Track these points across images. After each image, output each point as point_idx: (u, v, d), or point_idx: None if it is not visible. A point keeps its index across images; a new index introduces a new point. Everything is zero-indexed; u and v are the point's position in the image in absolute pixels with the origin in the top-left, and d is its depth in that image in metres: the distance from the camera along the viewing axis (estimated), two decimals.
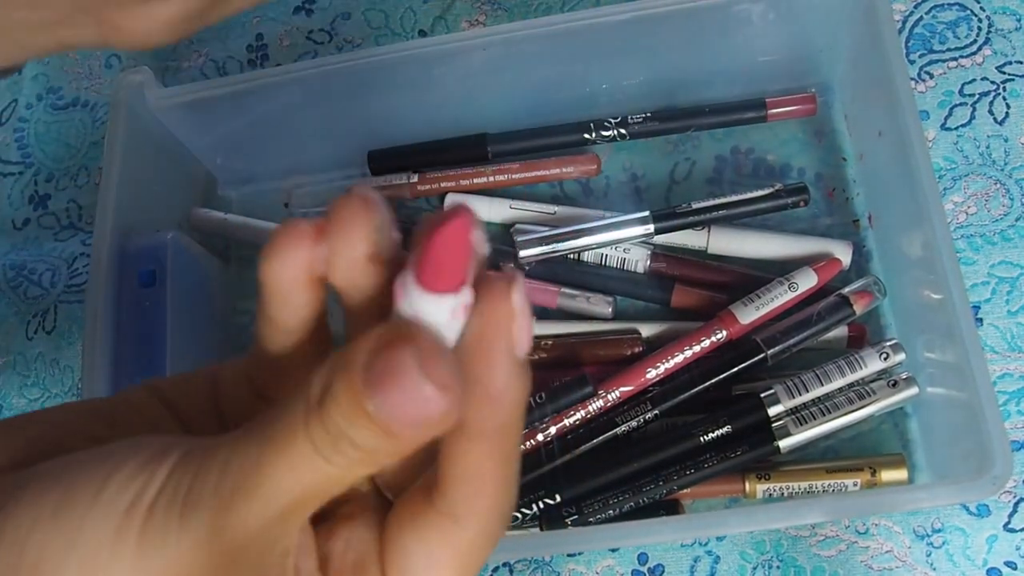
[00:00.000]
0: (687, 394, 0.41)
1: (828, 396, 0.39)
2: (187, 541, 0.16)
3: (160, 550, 0.16)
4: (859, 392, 0.39)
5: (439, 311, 0.17)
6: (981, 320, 0.43)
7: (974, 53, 0.47)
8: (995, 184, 0.45)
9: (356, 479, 0.17)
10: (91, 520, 0.17)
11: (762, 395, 0.40)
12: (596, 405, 0.42)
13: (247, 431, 0.17)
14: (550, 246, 0.44)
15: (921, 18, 0.48)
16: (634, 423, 0.41)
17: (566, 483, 0.41)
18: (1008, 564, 0.40)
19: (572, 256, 0.46)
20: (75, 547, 0.17)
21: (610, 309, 0.45)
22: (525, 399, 0.18)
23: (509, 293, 0.17)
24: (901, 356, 0.39)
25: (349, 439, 0.16)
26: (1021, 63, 0.46)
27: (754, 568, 0.41)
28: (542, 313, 0.46)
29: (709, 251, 0.45)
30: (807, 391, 0.39)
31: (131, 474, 0.17)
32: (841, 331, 0.42)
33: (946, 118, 0.46)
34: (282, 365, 0.21)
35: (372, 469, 0.17)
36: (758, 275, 0.44)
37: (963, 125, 0.46)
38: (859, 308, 0.41)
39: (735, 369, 0.41)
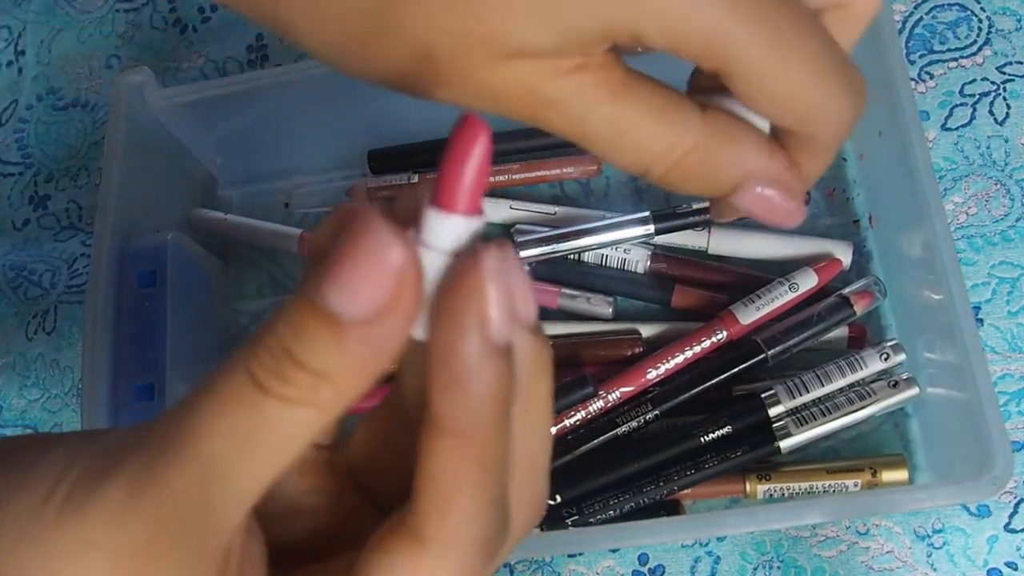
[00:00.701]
0: (688, 394, 0.41)
1: (829, 396, 0.39)
2: (105, 505, 0.14)
3: (79, 519, 0.15)
4: (860, 392, 0.39)
5: (459, 233, 0.15)
6: (982, 320, 0.43)
7: (974, 53, 0.47)
8: (995, 184, 0.45)
9: (301, 434, 0.15)
10: (15, 494, 0.15)
11: (763, 395, 0.40)
12: (596, 405, 0.42)
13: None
14: (550, 246, 0.44)
15: (921, 18, 0.48)
16: (634, 423, 0.41)
17: (567, 483, 0.41)
18: (1009, 565, 0.40)
19: (572, 256, 0.46)
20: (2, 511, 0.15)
21: (610, 309, 0.45)
22: (504, 396, 0.15)
23: (481, 257, 0.15)
24: (901, 356, 0.39)
25: (293, 357, 0.14)
26: (1021, 63, 0.46)
27: (755, 568, 0.41)
28: (543, 313, 0.46)
29: (709, 251, 0.45)
30: (808, 391, 0.39)
31: (66, 451, 0.16)
32: (842, 331, 0.42)
33: (946, 118, 0.46)
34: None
35: (319, 414, 0.15)
36: (758, 275, 0.44)
37: (963, 125, 0.46)
38: (859, 308, 0.41)
39: (735, 369, 0.41)
